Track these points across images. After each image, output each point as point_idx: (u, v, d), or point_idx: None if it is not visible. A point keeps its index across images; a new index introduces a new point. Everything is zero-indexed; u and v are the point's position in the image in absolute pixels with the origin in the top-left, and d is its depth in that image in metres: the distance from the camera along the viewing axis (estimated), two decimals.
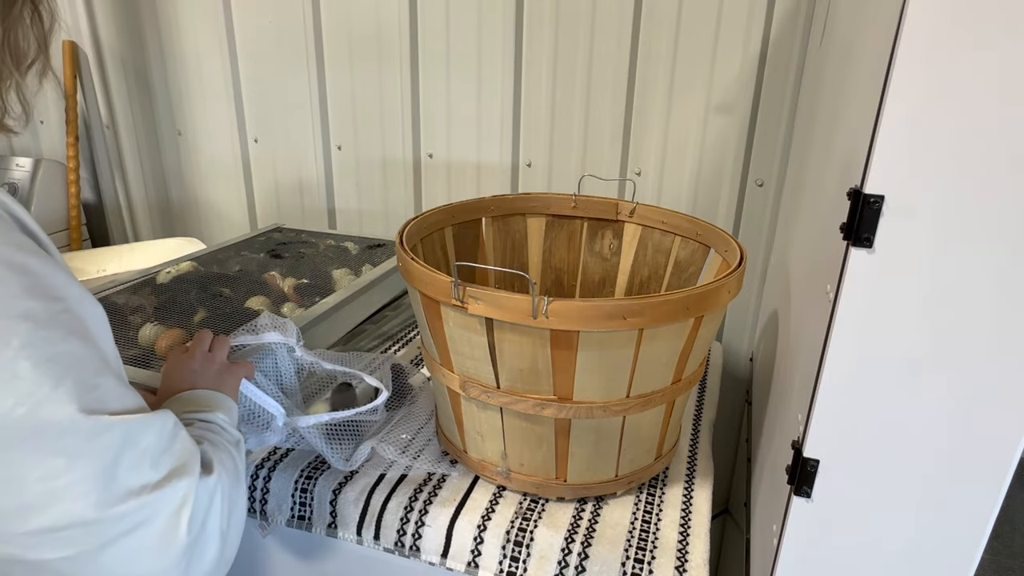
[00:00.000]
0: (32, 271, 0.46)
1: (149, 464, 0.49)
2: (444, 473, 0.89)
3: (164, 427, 0.52)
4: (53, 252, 0.52)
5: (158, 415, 0.52)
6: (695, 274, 0.98)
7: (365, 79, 1.58)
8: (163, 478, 0.49)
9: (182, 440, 0.53)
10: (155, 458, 0.49)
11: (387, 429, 0.94)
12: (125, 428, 0.48)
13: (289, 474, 0.87)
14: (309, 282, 1.23)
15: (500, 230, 1.09)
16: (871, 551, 0.63)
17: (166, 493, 0.49)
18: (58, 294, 0.47)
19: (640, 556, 0.78)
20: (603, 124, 1.45)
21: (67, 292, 0.48)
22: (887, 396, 0.57)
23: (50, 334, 0.45)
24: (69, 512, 0.45)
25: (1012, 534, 2.07)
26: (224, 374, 0.75)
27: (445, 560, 0.82)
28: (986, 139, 0.49)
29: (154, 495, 0.48)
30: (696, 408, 1.10)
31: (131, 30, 1.74)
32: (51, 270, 0.48)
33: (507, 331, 0.72)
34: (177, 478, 0.50)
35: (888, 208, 0.52)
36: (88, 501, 0.45)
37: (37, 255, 0.47)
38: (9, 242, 0.46)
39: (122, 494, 0.47)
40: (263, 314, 0.94)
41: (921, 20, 0.47)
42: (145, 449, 0.49)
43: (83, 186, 1.86)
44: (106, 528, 0.46)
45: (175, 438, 0.52)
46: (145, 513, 0.48)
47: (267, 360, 0.90)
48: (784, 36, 1.30)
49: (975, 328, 0.53)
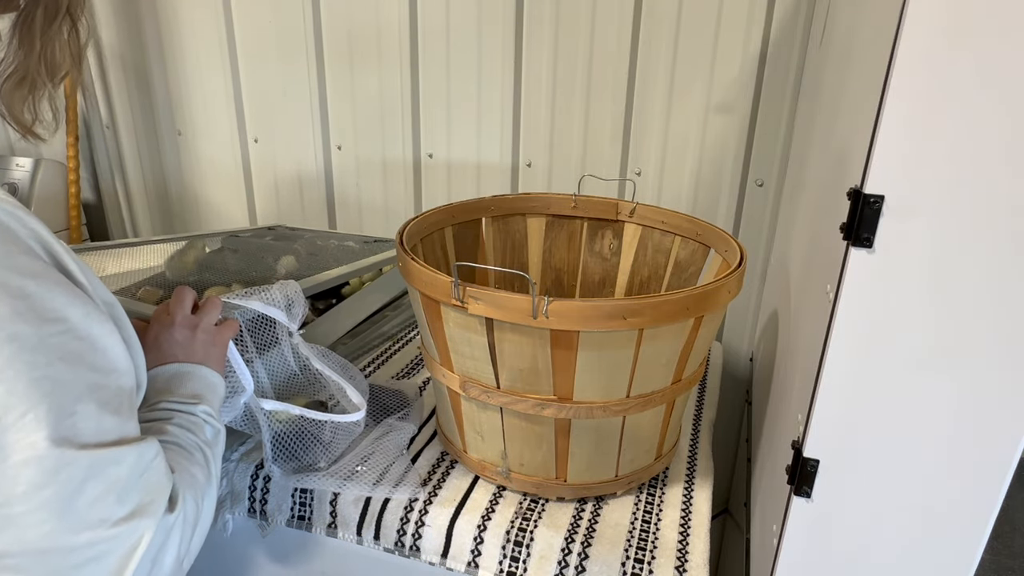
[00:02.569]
0: (28, 294, 0.46)
1: (115, 498, 0.48)
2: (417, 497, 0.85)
3: (140, 460, 0.50)
4: (69, 266, 0.50)
5: (135, 448, 0.50)
6: (695, 274, 0.98)
7: (365, 79, 1.58)
8: (126, 515, 0.48)
9: (156, 471, 0.52)
10: (122, 492, 0.48)
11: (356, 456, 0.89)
12: (92, 461, 0.46)
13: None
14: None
15: (500, 230, 1.09)
16: (871, 551, 0.63)
17: (123, 532, 0.48)
18: (56, 316, 0.47)
19: (640, 556, 0.78)
20: (603, 124, 1.44)
21: (68, 312, 0.48)
22: (887, 396, 0.57)
23: (34, 358, 0.45)
24: (21, 539, 0.44)
25: (1012, 534, 2.07)
26: (210, 345, 0.72)
27: (445, 560, 0.82)
28: (986, 139, 0.49)
29: (112, 531, 0.47)
30: (696, 408, 1.10)
31: (131, 30, 1.73)
32: (51, 290, 0.47)
33: (507, 331, 0.72)
34: (139, 517, 0.49)
35: (888, 208, 0.52)
36: (41, 531, 0.44)
37: (38, 277, 0.47)
38: (9, 266, 0.46)
39: (79, 527, 0.46)
40: (277, 284, 0.88)
41: (921, 20, 0.48)
42: (113, 482, 0.48)
43: (83, 186, 1.87)
44: (56, 559, 0.45)
45: (149, 470, 0.51)
46: (99, 549, 0.47)
47: (266, 332, 0.87)
48: (784, 36, 1.30)
49: (975, 328, 0.53)
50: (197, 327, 0.72)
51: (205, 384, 0.68)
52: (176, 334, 0.71)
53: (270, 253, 1.27)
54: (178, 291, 0.76)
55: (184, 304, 0.75)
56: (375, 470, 0.87)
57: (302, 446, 0.86)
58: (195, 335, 0.71)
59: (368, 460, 0.88)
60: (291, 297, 0.89)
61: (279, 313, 0.87)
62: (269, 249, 1.31)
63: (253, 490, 0.87)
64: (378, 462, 0.88)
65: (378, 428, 0.95)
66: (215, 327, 0.75)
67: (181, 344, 0.70)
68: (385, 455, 0.90)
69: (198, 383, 0.67)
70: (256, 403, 0.81)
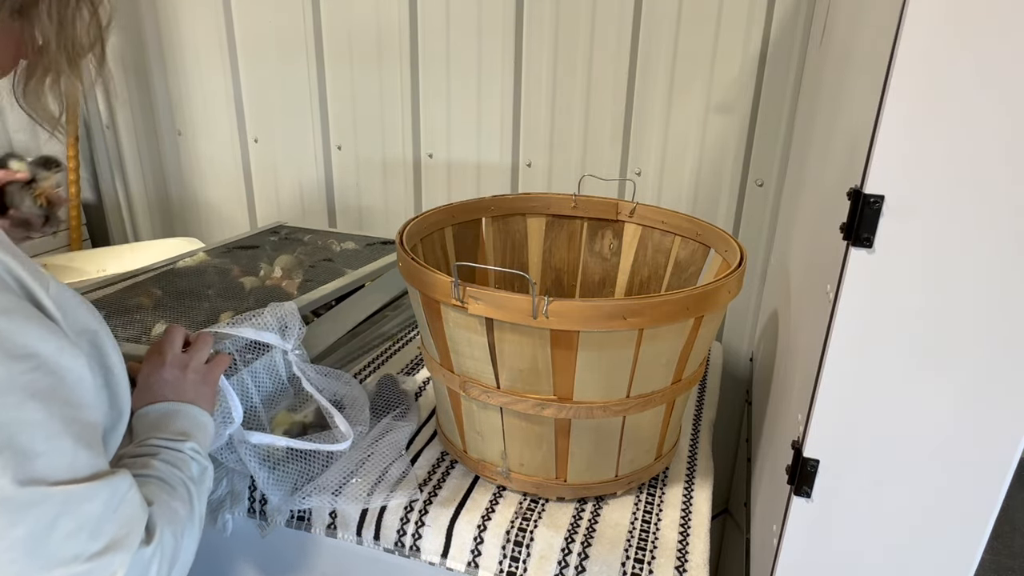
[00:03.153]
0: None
1: (88, 533, 0.47)
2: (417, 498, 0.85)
3: (114, 494, 0.50)
4: (42, 301, 0.50)
5: (108, 482, 0.50)
6: (695, 274, 0.98)
7: (365, 79, 1.58)
8: (100, 549, 0.48)
9: (130, 505, 0.51)
10: (95, 527, 0.48)
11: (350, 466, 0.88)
12: (65, 497, 0.46)
13: None
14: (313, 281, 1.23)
15: (500, 230, 1.09)
16: (871, 551, 0.63)
17: (97, 567, 0.47)
18: (28, 352, 0.46)
19: (640, 556, 0.78)
20: (603, 124, 1.44)
21: (39, 348, 0.47)
22: (887, 396, 0.57)
23: (3, 400, 0.45)
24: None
25: (1012, 534, 2.07)
26: (200, 384, 0.72)
27: (445, 560, 0.82)
28: (985, 139, 0.49)
29: (86, 566, 0.47)
30: (696, 408, 1.10)
31: (131, 30, 1.73)
32: (21, 327, 0.47)
33: (507, 331, 0.72)
34: (113, 552, 0.48)
35: (888, 208, 0.52)
36: (12, 570, 0.44)
37: (9, 313, 0.46)
38: None
39: (51, 564, 0.45)
40: (269, 307, 0.89)
41: (921, 20, 0.47)
42: (87, 518, 0.47)
43: (83, 186, 1.86)
44: None
45: (123, 503, 0.50)
46: None
47: (261, 359, 0.88)
48: (784, 36, 1.30)
49: (975, 328, 0.53)
50: (187, 366, 0.73)
51: (194, 423, 0.68)
52: (166, 374, 0.71)
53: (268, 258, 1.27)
54: (169, 330, 0.77)
55: (175, 343, 0.75)
56: (373, 473, 0.87)
57: (293, 469, 0.85)
58: (185, 375, 0.72)
59: (364, 466, 0.88)
60: (285, 319, 0.90)
61: (273, 337, 0.88)
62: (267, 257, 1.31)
63: (253, 490, 0.87)
64: (376, 464, 0.88)
65: (377, 427, 0.95)
66: (205, 365, 0.75)
67: (171, 384, 0.70)
68: (383, 457, 0.90)
69: (186, 421, 0.67)
70: (243, 436, 0.81)
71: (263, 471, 0.83)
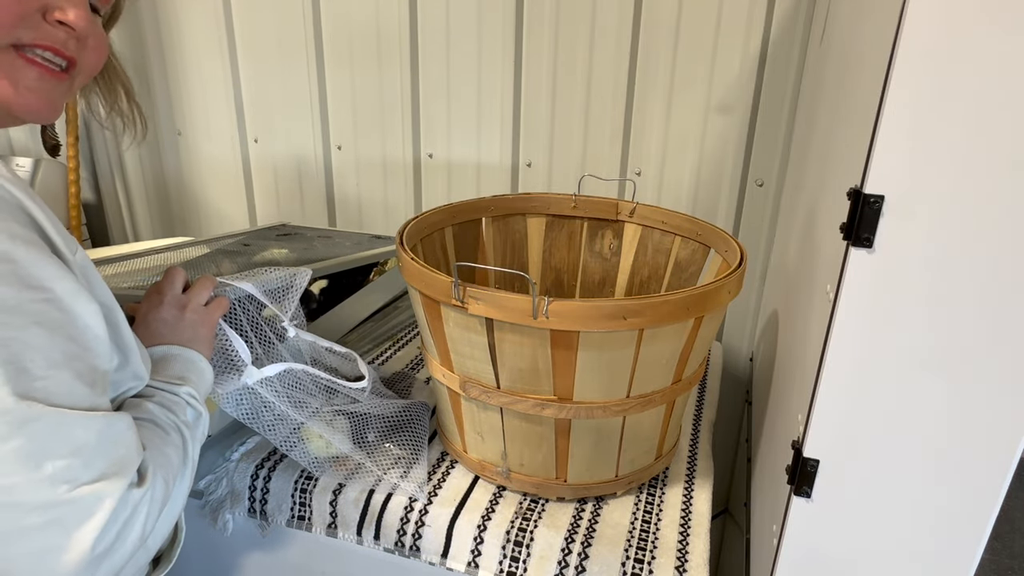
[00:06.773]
0: (14, 259, 0.46)
1: (82, 462, 0.47)
2: (419, 498, 0.85)
3: (109, 427, 0.50)
4: (60, 247, 0.50)
5: (106, 416, 0.50)
6: (695, 274, 0.98)
7: (365, 79, 1.58)
8: (90, 480, 0.48)
9: (125, 444, 0.51)
10: (89, 457, 0.48)
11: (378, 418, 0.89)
12: (60, 419, 0.46)
13: (289, 474, 0.87)
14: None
15: (500, 230, 1.09)
16: (871, 551, 0.63)
17: (85, 497, 0.47)
18: (40, 284, 0.47)
19: (640, 556, 0.78)
20: (603, 124, 1.44)
21: (54, 284, 0.48)
22: (887, 396, 0.57)
23: (9, 319, 0.45)
24: None
25: (1012, 534, 2.08)
26: (199, 325, 0.72)
27: (445, 560, 0.82)
28: (986, 139, 0.49)
29: (74, 494, 0.47)
30: (696, 408, 1.10)
31: (131, 30, 1.73)
32: (39, 261, 0.47)
33: (507, 331, 0.72)
34: (104, 483, 0.48)
35: (888, 208, 0.52)
36: (9, 481, 0.45)
37: (28, 244, 0.47)
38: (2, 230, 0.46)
39: (43, 481, 0.46)
40: (276, 269, 0.86)
41: (921, 20, 0.48)
42: (81, 445, 0.48)
43: (83, 186, 1.86)
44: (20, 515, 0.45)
45: (119, 440, 0.51)
46: (62, 511, 0.46)
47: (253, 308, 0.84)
48: (784, 36, 1.30)
49: (975, 328, 0.53)
50: (186, 307, 0.72)
51: (191, 367, 0.67)
52: (164, 313, 0.70)
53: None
54: (169, 271, 0.76)
55: (174, 284, 0.74)
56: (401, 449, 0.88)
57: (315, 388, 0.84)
58: (183, 315, 0.71)
59: (395, 437, 0.89)
60: (288, 282, 0.86)
61: (269, 300, 0.84)
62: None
63: (253, 490, 0.87)
64: (404, 441, 0.90)
65: (402, 404, 0.94)
66: (204, 307, 0.74)
67: (169, 323, 0.70)
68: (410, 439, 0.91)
69: (184, 365, 0.67)
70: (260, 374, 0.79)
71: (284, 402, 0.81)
